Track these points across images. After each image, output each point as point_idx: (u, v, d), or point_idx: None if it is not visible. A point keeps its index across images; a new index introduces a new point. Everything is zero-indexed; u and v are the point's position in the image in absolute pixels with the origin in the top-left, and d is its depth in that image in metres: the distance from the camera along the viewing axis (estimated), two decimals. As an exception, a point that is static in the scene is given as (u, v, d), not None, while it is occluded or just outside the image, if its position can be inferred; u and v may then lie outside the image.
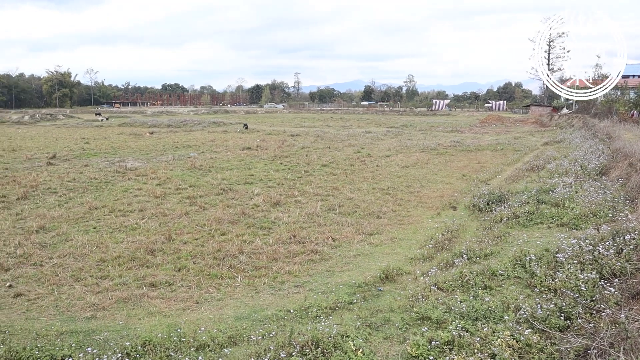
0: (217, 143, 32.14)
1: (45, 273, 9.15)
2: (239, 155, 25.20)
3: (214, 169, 20.88)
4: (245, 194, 15.63)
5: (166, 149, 29.49)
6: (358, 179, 18.52)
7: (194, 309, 7.63)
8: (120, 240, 11.00)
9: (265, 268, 9.30)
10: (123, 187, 16.96)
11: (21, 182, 17.85)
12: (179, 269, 9.26)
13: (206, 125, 49.35)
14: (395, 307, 7.10)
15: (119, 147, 30.49)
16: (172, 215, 13.06)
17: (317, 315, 6.98)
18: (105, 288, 8.42)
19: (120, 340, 6.43)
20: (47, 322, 7.21)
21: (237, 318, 7.21)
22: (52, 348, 6.09)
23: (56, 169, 21.34)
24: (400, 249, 10.49)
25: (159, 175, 19.09)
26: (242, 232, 11.50)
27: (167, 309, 7.59)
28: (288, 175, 19.34)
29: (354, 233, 11.50)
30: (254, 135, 38.32)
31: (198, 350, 6.02)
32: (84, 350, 6.08)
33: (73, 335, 6.68)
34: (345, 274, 9.04)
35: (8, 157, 26.22)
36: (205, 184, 17.31)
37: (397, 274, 8.63)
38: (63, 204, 14.69)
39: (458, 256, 8.95)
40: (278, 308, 7.44)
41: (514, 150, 27.42)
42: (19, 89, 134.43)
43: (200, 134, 40.56)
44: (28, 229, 11.91)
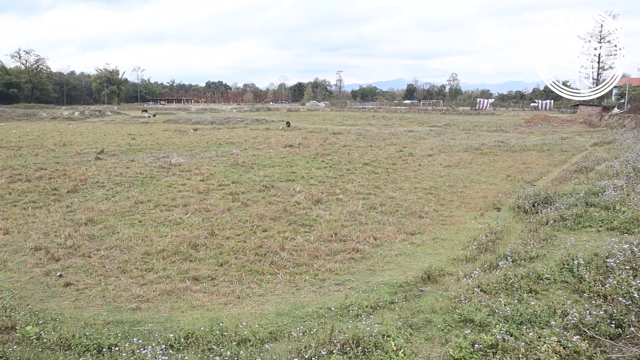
0: (260, 140, 32.44)
1: (93, 264, 9.43)
2: (281, 153, 25.37)
3: (256, 165, 21.09)
4: (286, 191, 15.72)
5: (209, 145, 29.94)
6: (400, 178, 18.38)
7: (236, 303, 7.72)
8: (165, 234, 11.22)
9: (306, 265, 9.33)
10: (167, 183, 17.32)
11: (71, 176, 18.48)
12: (221, 264, 9.39)
13: (249, 123, 49.88)
14: (437, 308, 7.01)
15: (164, 143, 31.14)
16: (215, 210, 13.26)
17: (358, 314, 6.96)
18: (150, 280, 8.61)
19: (164, 332, 6.56)
20: (94, 312, 7.43)
21: (278, 314, 7.25)
22: (100, 337, 6.27)
23: (104, 164, 21.96)
24: (443, 250, 10.35)
25: (202, 171, 19.41)
26: (284, 229, 11.57)
27: (210, 303, 7.71)
28: (329, 173, 19.35)
29: (396, 232, 11.41)
30: (296, 133, 38.51)
31: (239, 344, 6.09)
32: (129, 340, 6.24)
33: (119, 325, 6.87)
34: (386, 273, 8.99)
35: (59, 151, 27.17)
36: (247, 181, 17.50)
37: (439, 275, 8.52)
38: (110, 197, 15.10)
39: (502, 258, 8.76)
40: (319, 305, 7.45)
41: (561, 151, 26.69)
42: (70, 86, 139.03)
43: (243, 131, 41.01)
44: (77, 221, 12.29)
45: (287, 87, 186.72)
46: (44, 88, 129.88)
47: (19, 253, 10.15)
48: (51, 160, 23.33)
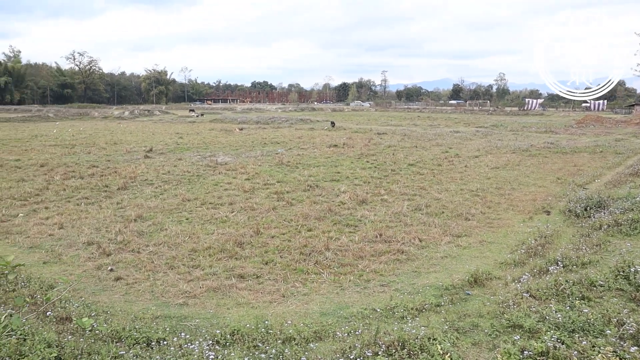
0: (304, 140, 32.59)
1: (142, 259, 9.67)
2: (325, 153, 25.42)
3: (301, 165, 21.19)
4: (331, 191, 15.73)
5: (255, 145, 30.27)
6: (446, 180, 18.13)
7: (281, 302, 7.77)
8: (211, 232, 11.40)
9: (351, 266, 9.31)
10: (214, 181, 17.60)
11: (121, 174, 19.02)
12: (267, 263, 9.47)
13: (293, 123, 50.18)
14: (485, 312, 6.87)
15: (210, 143, 31.66)
16: (260, 209, 13.39)
17: (403, 316, 6.90)
18: (197, 277, 8.76)
19: (210, 328, 6.67)
20: (143, 306, 7.62)
21: (323, 314, 7.26)
22: (149, 330, 6.43)
23: (152, 162, 22.50)
24: (490, 253, 10.15)
25: (248, 170, 19.63)
26: (328, 229, 11.58)
27: (255, 301, 7.78)
28: (374, 173, 19.26)
29: (441, 234, 11.26)
30: (341, 133, 38.51)
31: (284, 343, 6.12)
32: (177, 334, 6.37)
33: (167, 319, 7.02)
34: (431, 275, 8.88)
35: (110, 149, 28.00)
36: (292, 180, 17.60)
37: (487, 279, 8.35)
38: (158, 195, 15.46)
39: (552, 263, 8.53)
40: (363, 306, 7.42)
41: (615, 153, 25.75)
42: (120, 87, 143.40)
43: (287, 131, 41.29)
44: (127, 218, 12.63)
45: (331, 87, 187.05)
46: (96, 88, 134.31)
47: (73, 247, 10.51)
48: (103, 158, 24.08)
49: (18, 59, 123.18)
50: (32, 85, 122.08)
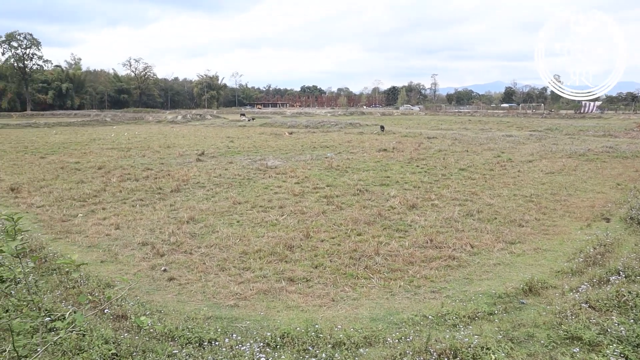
0: (354, 144, 32.56)
1: (194, 261, 9.85)
2: (375, 157, 25.30)
3: (350, 169, 21.16)
4: (381, 196, 15.63)
5: (304, 148, 30.44)
6: (498, 185, 17.71)
7: (330, 306, 7.75)
8: (261, 235, 11.51)
9: (401, 271, 9.21)
10: (264, 185, 17.79)
11: (174, 176, 19.48)
12: (316, 266, 9.48)
13: (343, 127, 50.18)
14: (540, 322, 6.66)
15: (260, 146, 32.05)
16: (310, 213, 13.43)
17: (455, 324, 6.77)
18: (247, 279, 8.86)
19: (260, 330, 6.72)
20: (195, 306, 7.75)
21: (373, 319, 7.21)
22: (201, 331, 6.54)
23: (204, 165, 22.94)
24: (545, 261, 9.83)
25: (297, 174, 19.75)
26: (378, 234, 11.50)
27: (305, 304, 7.80)
28: (424, 178, 19.03)
29: (494, 241, 11.00)
30: (390, 137, 38.27)
31: (334, 347, 6.11)
32: (228, 335, 6.45)
33: (218, 320, 7.12)
34: (484, 282, 8.67)
35: (164, 153, 28.76)
36: (341, 184, 17.59)
37: (542, 287, 8.09)
38: (210, 197, 15.74)
39: (613, 273, 8.18)
40: (414, 312, 7.33)
41: (679, 159, 24.55)
42: (173, 92, 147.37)
43: (337, 135, 41.36)
44: (180, 219, 12.91)
45: (380, 91, 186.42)
46: (150, 93, 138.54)
47: (128, 247, 10.82)
48: (156, 161, 24.74)
49: (78, 66, 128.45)
50: (91, 91, 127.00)
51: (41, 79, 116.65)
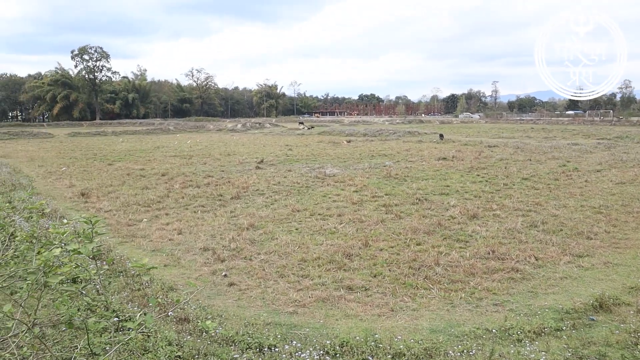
0: (412, 153, 32.23)
1: (254, 267, 9.97)
2: (434, 166, 24.95)
3: (409, 178, 20.94)
4: (440, 205, 15.36)
5: (362, 157, 30.39)
6: (563, 195, 17.06)
7: (389, 316, 7.66)
8: (320, 243, 11.53)
9: (462, 282, 9.00)
10: (322, 193, 17.84)
11: (234, 184, 19.85)
12: (375, 275, 9.40)
13: (401, 135, 49.81)
14: (613, 341, 6.34)
15: (319, 155, 32.23)
16: (369, 222, 13.35)
17: (520, 339, 6.54)
18: (306, 287, 8.88)
19: (320, 338, 6.71)
20: (255, 312, 7.83)
21: (433, 330, 7.07)
22: (260, 336, 6.59)
23: (263, 173, 23.27)
24: (617, 276, 9.36)
25: (356, 182, 19.71)
26: (438, 244, 11.29)
27: (363, 313, 7.74)
28: (485, 187, 18.58)
29: (560, 253, 10.57)
30: (449, 145, 37.65)
31: (394, 358, 6.03)
32: (288, 342, 6.47)
33: (277, 327, 7.16)
34: (550, 297, 8.34)
35: (224, 160, 29.41)
36: (400, 193, 17.42)
37: (614, 304, 7.70)
38: (269, 205, 15.92)
39: (692, 290, 7.71)
40: (476, 325, 7.13)
41: None
42: (233, 101, 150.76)
43: (395, 143, 41.08)
44: (240, 226, 13.12)
45: (439, 99, 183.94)
46: (211, 102, 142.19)
47: (190, 252, 11.08)
48: (217, 169, 25.32)
49: (144, 77, 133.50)
50: (155, 101, 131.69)
51: (109, 90, 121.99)
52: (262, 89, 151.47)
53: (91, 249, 2.95)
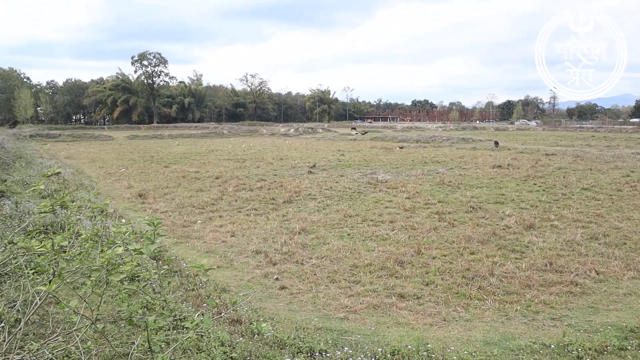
0: (466, 160, 31.65)
1: (305, 271, 10.01)
2: (488, 173, 24.41)
3: (462, 185, 20.56)
4: (495, 214, 15.00)
5: (415, 163, 30.07)
6: (627, 207, 16.32)
7: (441, 326, 7.53)
8: (372, 249, 11.47)
9: (517, 294, 8.75)
10: (374, 198, 17.75)
11: (287, 188, 20.02)
12: (427, 284, 9.26)
13: (454, 142, 49.03)
14: (682, 361, 6.01)
15: (371, 160, 32.11)
16: (421, 229, 13.18)
17: (580, 356, 6.29)
18: (357, 293, 8.84)
19: (371, 345, 6.65)
20: (306, 316, 7.85)
21: (487, 343, 6.89)
22: (311, 341, 6.59)
23: (315, 178, 23.37)
24: (686, 293, 8.88)
25: (408, 189, 19.52)
26: (493, 254, 11.02)
27: (415, 322, 7.63)
28: (542, 197, 18.01)
29: (623, 268, 10.11)
30: (505, 153, 36.76)
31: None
32: (339, 348, 6.45)
33: (328, 332, 7.15)
34: (612, 313, 7.99)
35: (277, 164, 29.73)
36: (454, 201, 17.12)
37: (682, 323, 7.31)
38: (321, 209, 15.96)
39: None
40: (532, 339, 6.91)
41: None
42: (286, 106, 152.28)
43: (448, 150, 40.47)
44: (292, 230, 13.20)
45: (494, 106, 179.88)
46: (264, 107, 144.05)
47: (243, 254, 11.24)
48: (270, 173, 25.60)
49: (200, 82, 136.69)
50: (210, 105, 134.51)
51: (166, 94, 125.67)
52: (315, 94, 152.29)
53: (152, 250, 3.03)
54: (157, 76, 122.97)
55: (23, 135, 60.56)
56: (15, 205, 12.96)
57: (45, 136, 64.13)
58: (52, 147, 49.07)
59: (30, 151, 37.92)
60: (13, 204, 13.12)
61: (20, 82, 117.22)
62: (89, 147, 50.06)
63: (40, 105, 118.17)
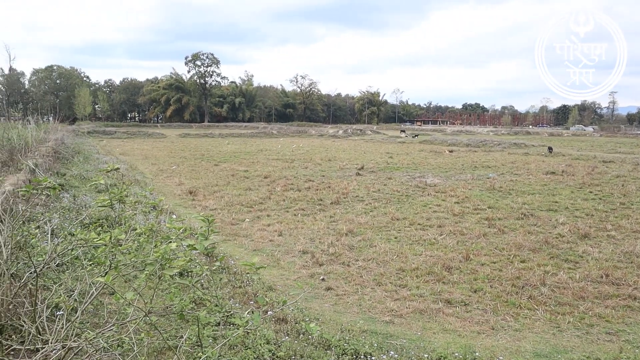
0: (518, 165, 30.89)
1: (351, 273, 9.98)
2: (541, 180, 23.72)
3: (514, 191, 20.06)
4: (548, 222, 14.56)
5: (465, 168, 29.57)
6: (691, 219, 15.55)
7: (489, 334, 7.36)
8: (419, 253, 11.33)
9: (570, 305, 8.45)
10: (422, 202, 17.54)
11: (334, 189, 20.03)
12: (475, 290, 9.08)
13: (506, 146, 47.97)
14: None
15: (420, 163, 31.76)
16: (470, 234, 12.94)
17: (637, 373, 6.03)
18: (403, 297, 8.75)
19: (417, 351, 6.57)
20: (351, 318, 7.82)
21: (537, 354, 6.70)
22: (357, 343, 6.56)
23: (363, 180, 23.29)
24: None
25: (457, 193, 19.20)
26: (544, 262, 10.69)
27: (462, 329, 7.49)
28: (599, 205, 17.36)
29: (686, 282, 9.64)
30: (559, 159, 35.68)
31: (495, 379, 5.77)
32: (384, 352, 6.39)
33: (373, 335, 7.10)
34: (673, 330, 7.62)
35: (325, 165, 29.80)
36: (504, 207, 16.72)
37: None
38: (368, 212, 15.88)
39: None
40: (585, 354, 6.67)
41: None
42: (335, 107, 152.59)
43: (499, 155, 39.59)
44: (339, 231, 13.19)
45: (548, 110, 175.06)
46: (314, 108, 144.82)
47: (290, 254, 11.30)
48: (318, 173, 25.69)
49: (250, 82, 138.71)
50: (260, 105, 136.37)
51: (218, 94, 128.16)
52: (364, 95, 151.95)
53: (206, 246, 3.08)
54: (210, 76, 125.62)
55: (81, 132, 63.00)
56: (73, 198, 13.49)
57: (102, 133, 66.47)
58: (108, 143, 50.82)
59: (87, 147, 39.42)
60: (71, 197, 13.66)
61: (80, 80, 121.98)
62: (142, 144, 51.56)
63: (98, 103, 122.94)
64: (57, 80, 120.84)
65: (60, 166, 22.03)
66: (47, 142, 26.12)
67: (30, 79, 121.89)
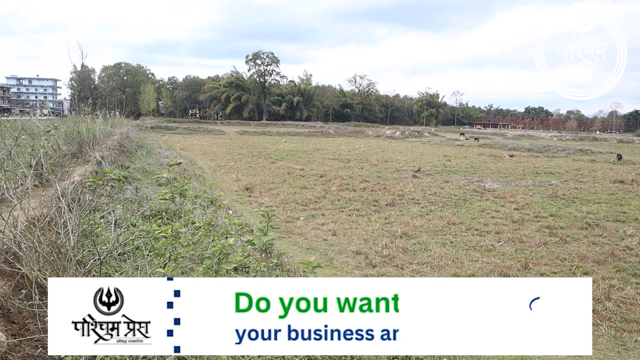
0: (583, 173, 29.65)
1: (405, 276, 9.79)
2: (609, 189, 22.66)
3: (578, 200, 19.25)
4: (615, 233, 13.87)
5: (525, 173, 28.66)
6: None
7: (549, 348, 7.04)
8: (475, 259, 11.03)
9: (638, 323, 7.99)
10: (480, 207, 17.08)
11: (390, 190, 19.82)
12: (534, 302, 8.72)
13: (571, 153, 46.21)
14: None
15: (478, 167, 31.03)
16: (530, 242, 12.49)
17: None
18: (458, 304, 8.50)
19: (470, 359, 6.36)
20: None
21: (600, 372, 6.36)
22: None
23: (420, 182, 22.95)
24: None
25: (517, 199, 18.60)
26: (610, 276, 10.16)
27: (519, 341, 7.20)
28: (672, 218, 16.41)
29: None
30: (629, 167, 34.04)
31: (553, 396, 5.51)
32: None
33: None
34: None
35: (381, 167, 29.58)
36: (567, 215, 16.06)
37: None
38: (424, 215, 15.61)
39: None
40: (653, 374, 6.28)
41: None
42: (393, 108, 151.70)
43: (563, 161, 38.17)
44: (393, 233, 13.02)
45: (618, 115, 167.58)
46: (371, 109, 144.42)
47: (343, 254, 11.23)
48: (373, 174, 25.52)
49: (309, 82, 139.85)
50: (318, 105, 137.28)
51: (277, 93, 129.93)
52: (423, 97, 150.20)
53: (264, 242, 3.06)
54: (269, 75, 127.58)
55: (145, 127, 65.24)
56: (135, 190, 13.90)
57: (164, 128, 68.59)
58: (170, 138, 52.35)
59: (150, 141, 40.66)
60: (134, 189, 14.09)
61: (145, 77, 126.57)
62: (202, 140, 52.81)
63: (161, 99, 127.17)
64: (124, 77, 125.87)
65: (125, 159, 22.79)
66: (113, 136, 27.09)
67: (99, 75, 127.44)
